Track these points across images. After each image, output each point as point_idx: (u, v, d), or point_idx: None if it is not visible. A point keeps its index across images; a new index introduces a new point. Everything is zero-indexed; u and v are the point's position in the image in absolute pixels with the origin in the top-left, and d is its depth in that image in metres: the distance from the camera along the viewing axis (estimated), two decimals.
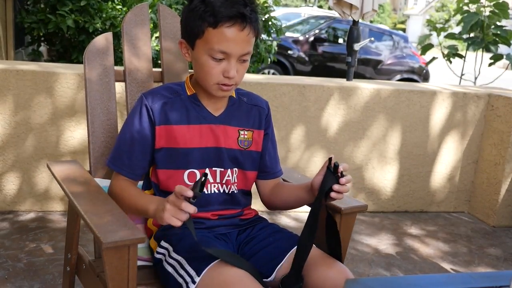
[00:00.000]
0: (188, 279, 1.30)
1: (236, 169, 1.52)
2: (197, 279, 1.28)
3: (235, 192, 1.52)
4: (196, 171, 1.46)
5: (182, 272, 1.33)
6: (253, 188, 1.61)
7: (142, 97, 1.47)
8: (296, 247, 1.39)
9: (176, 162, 1.46)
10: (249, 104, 1.57)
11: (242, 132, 1.52)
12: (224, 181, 1.50)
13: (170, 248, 1.41)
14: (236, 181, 1.53)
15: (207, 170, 1.47)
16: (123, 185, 1.47)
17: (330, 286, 1.32)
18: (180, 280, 1.33)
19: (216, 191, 1.50)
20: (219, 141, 1.48)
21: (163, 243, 1.44)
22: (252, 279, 1.28)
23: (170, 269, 1.37)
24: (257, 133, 1.56)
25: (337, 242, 1.43)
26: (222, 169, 1.49)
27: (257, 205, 1.66)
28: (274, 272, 1.42)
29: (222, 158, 1.49)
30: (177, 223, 1.24)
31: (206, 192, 1.48)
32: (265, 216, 1.66)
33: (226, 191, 1.51)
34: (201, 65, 1.41)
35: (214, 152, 1.48)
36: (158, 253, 1.45)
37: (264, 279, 1.43)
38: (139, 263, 1.51)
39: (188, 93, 1.49)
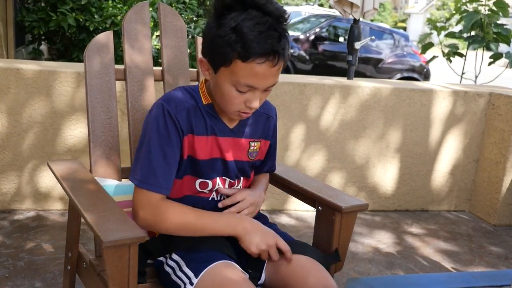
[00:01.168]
0: (186, 280, 1.31)
1: (242, 178, 1.51)
2: (195, 281, 1.29)
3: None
4: (208, 181, 1.43)
5: (180, 273, 1.34)
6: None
7: (162, 106, 1.35)
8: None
9: (192, 171, 1.42)
10: (259, 111, 1.50)
11: (252, 144, 1.49)
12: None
13: (182, 263, 1.38)
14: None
15: (218, 180, 1.44)
16: (177, 206, 1.37)
17: None
18: (178, 281, 1.33)
19: (224, 198, 1.48)
20: (231, 154, 1.44)
21: (174, 256, 1.43)
22: (249, 282, 1.28)
23: (169, 270, 1.38)
24: (264, 142, 1.53)
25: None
26: (232, 181, 1.48)
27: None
28: (264, 277, 1.43)
29: (232, 170, 1.46)
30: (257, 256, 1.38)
31: (216, 199, 1.47)
32: (266, 215, 1.65)
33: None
34: (222, 92, 1.32)
35: (226, 164, 1.44)
36: (167, 265, 1.44)
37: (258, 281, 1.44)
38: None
39: (204, 102, 1.40)
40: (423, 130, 3.46)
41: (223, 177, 1.46)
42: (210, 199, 1.46)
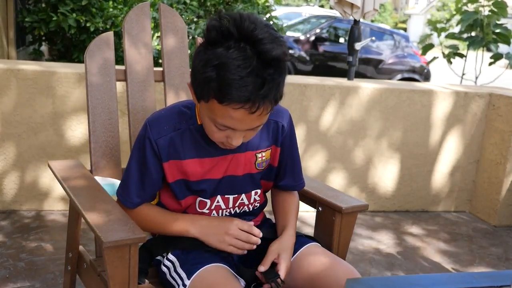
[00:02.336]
0: (179, 281, 1.32)
1: (254, 191, 1.45)
2: (187, 282, 1.30)
3: (247, 210, 1.47)
4: (206, 200, 1.40)
5: (174, 274, 1.35)
6: None
7: (146, 127, 1.32)
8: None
9: (190, 191, 1.39)
10: (269, 119, 1.36)
11: (259, 155, 1.41)
12: (237, 205, 1.45)
13: (177, 263, 1.39)
14: (251, 201, 1.47)
15: (219, 198, 1.42)
16: (141, 213, 1.39)
17: (337, 286, 1.31)
18: (172, 282, 1.35)
19: (227, 214, 1.45)
20: (233, 170, 1.38)
21: (170, 256, 1.43)
22: (238, 284, 1.29)
23: (165, 270, 1.39)
24: (275, 149, 1.44)
25: None
26: (235, 195, 1.43)
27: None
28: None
29: (235, 186, 1.40)
30: (237, 251, 1.36)
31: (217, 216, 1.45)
32: (269, 216, 1.65)
33: (238, 212, 1.46)
34: (203, 123, 1.27)
35: (228, 181, 1.39)
36: (164, 265, 1.44)
37: None
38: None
39: (199, 122, 1.32)
40: (424, 131, 3.46)
41: (225, 196, 1.41)
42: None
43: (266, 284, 1.33)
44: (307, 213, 3.28)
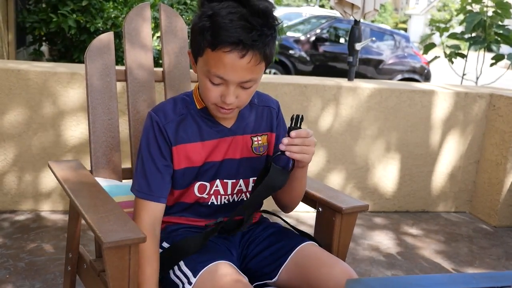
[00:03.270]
0: (184, 279, 1.31)
1: (252, 178, 1.47)
2: (193, 280, 1.29)
3: (245, 199, 1.48)
4: (206, 183, 1.42)
5: (178, 273, 1.34)
6: None
7: (151, 116, 1.38)
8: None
9: (189, 178, 1.41)
10: (260, 106, 1.48)
11: (255, 139, 1.46)
12: (235, 191, 1.46)
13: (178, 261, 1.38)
14: (249, 189, 1.48)
15: (218, 182, 1.43)
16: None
17: (334, 285, 1.32)
18: (177, 280, 1.34)
19: (226, 202, 1.46)
20: (231, 153, 1.42)
21: (164, 244, 1.44)
22: (246, 283, 1.28)
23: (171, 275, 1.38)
24: (271, 136, 1.49)
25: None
26: (234, 180, 1.45)
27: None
28: (278, 273, 1.42)
29: (233, 170, 1.43)
30: None
31: (216, 203, 1.45)
32: (268, 217, 1.65)
33: (236, 200, 1.47)
34: (200, 85, 1.34)
35: (227, 164, 1.42)
36: None
37: (268, 280, 1.43)
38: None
39: (198, 107, 1.40)
40: (424, 131, 3.46)
41: (224, 180, 1.44)
42: (209, 203, 1.45)
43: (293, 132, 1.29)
44: (307, 214, 3.28)
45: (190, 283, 1.29)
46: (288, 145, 1.28)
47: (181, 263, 1.35)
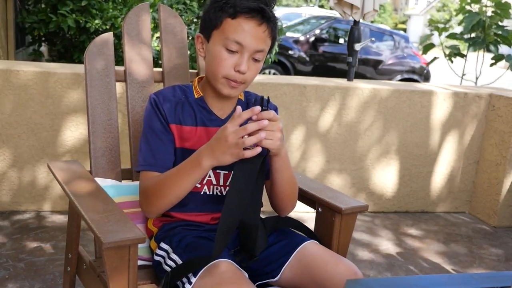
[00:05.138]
0: (184, 279, 1.31)
1: None
2: (193, 280, 1.29)
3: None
4: (198, 183, 1.45)
5: None
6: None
7: (151, 97, 1.47)
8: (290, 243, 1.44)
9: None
10: (256, 104, 1.49)
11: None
12: (228, 183, 1.47)
13: (170, 250, 1.41)
14: None
15: (210, 173, 1.45)
16: (155, 175, 1.40)
17: (338, 282, 1.32)
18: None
19: (219, 194, 1.47)
20: None
21: (162, 245, 1.44)
22: (248, 281, 1.28)
23: (168, 269, 1.38)
24: None
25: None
26: (226, 172, 1.46)
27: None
28: (281, 272, 1.42)
29: None
30: (249, 153, 1.22)
31: (208, 193, 1.46)
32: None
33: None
34: (213, 57, 1.40)
35: None
36: (157, 255, 1.45)
37: (270, 279, 1.43)
38: (140, 262, 1.51)
39: (196, 96, 1.49)
40: (423, 132, 3.46)
41: (217, 171, 1.46)
42: (202, 193, 1.46)
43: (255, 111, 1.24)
44: (307, 214, 3.28)
45: (190, 282, 1.29)
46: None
47: (180, 263, 1.35)
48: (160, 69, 1.86)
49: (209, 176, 1.46)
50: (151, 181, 1.39)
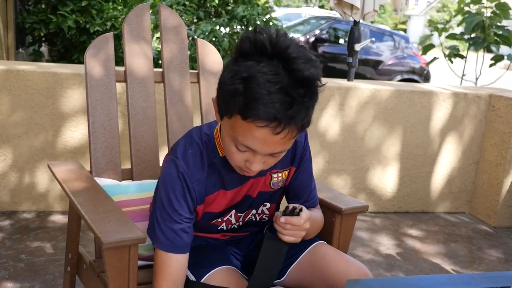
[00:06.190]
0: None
1: (266, 204, 1.42)
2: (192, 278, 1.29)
3: (253, 220, 1.45)
4: (219, 219, 1.40)
5: None
6: None
7: (176, 166, 1.24)
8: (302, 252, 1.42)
9: (207, 219, 1.38)
10: None
11: (275, 175, 1.37)
12: (247, 219, 1.43)
13: None
14: (259, 212, 1.44)
15: (232, 214, 1.39)
16: (174, 259, 1.26)
17: None
18: None
19: (235, 227, 1.45)
20: (250, 192, 1.37)
21: None
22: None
23: None
24: (291, 169, 1.41)
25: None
26: (246, 212, 1.41)
27: None
28: (287, 272, 1.42)
29: (248, 204, 1.39)
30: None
31: (225, 228, 1.43)
32: None
33: (246, 220, 1.44)
34: (224, 143, 1.22)
35: (244, 201, 1.38)
36: None
37: (276, 280, 1.43)
38: (140, 263, 1.51)
39: (221, 154, 1.29)
40: (423, 132, 3.46)
41: (238, 214, 1.41)
42: (219, 228, 1.42)
43: (285, 217, 1.25)
44: None
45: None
46: (280, 226, 1.25)
47: (186, 268, 1.35)
48: (160, 69, 1.86)
49: (230, 216, 1.40)
50: (175, 272, 1.26)
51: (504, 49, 5.17)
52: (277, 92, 1.05)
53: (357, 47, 3.53)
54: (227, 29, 5.86)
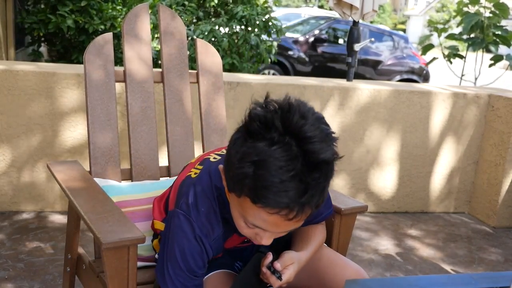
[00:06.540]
0: None
1: None
2: None
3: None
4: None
5: None
6: None
7: (191, 225, 1.18)
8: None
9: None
10: None
11: None
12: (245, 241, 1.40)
13: None
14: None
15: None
16: None
17: None
18: None
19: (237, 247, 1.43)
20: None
21: None
22: None
23: None
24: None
25: None
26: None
27: None
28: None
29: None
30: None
31: (228, 249, 1.40)
32: None
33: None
34: (232, 214, 1.15)
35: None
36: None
37: None
38: (139, 264, 1.51)
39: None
40: (423, 132, 3.46)
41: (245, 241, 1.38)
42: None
43: (267, 270, 1.21)
44: None
45: None
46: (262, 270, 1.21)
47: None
48: (160, 70, 1.87)
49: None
50: None
51: (503, 49, 5.17)
52: (290, 180, 0.98)
53: (357, 47, 3.53)
54: (227, 29, 5.87)
